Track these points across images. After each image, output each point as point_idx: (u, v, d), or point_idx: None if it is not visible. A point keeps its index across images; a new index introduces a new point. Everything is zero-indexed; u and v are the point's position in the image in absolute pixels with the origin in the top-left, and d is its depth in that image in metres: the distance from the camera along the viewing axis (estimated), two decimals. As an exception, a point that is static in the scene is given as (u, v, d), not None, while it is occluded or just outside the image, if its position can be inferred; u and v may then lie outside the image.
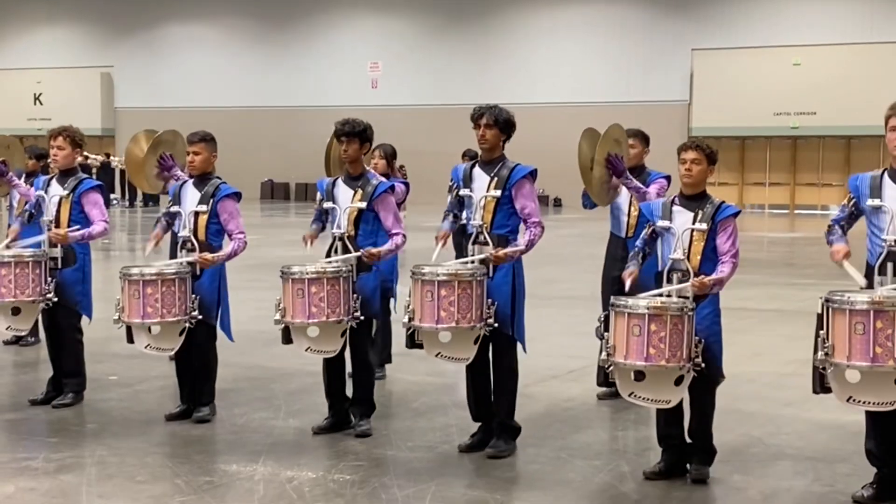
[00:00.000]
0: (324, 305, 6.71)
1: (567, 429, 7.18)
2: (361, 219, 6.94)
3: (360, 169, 7.07)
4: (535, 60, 37.71)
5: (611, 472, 6.23)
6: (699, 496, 5.80)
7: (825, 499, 5.75)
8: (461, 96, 37.67)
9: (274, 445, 6.70)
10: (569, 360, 9.28)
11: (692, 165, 6.11)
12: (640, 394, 5.87)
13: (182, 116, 41.29)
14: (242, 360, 9.04)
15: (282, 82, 40.98)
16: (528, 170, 6.54)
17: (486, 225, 6.47)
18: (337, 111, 42.76)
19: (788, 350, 10.14)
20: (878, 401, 5.38)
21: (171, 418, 7.29)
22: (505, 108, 6.59)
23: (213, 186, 7.25)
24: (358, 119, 7.12)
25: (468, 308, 6.20)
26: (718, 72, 34.98)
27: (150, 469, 6.20)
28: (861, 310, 5.27)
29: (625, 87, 36.32)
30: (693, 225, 6.04)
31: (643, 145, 8.08)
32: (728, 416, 7.26)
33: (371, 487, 5.85)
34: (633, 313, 5.73)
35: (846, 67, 33.43)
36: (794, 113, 34.42)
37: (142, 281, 6.97)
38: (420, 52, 39.38)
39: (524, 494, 5.80)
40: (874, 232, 5.61)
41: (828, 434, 7.05)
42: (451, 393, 8.34)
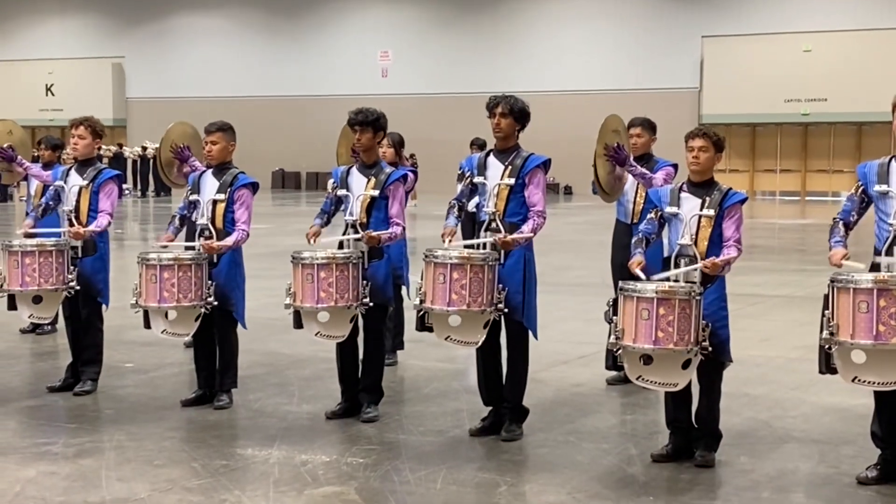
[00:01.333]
0: (332, 291, 6.83)
1: (576, 413, 7.28)
2: (374, 206, 7.04)
3: (374, 157, 7.18)
4: (545, 48, 37.75)
5: (619, 454, 6.33)
6: (706, 478, 5.89)
7: (830, 480, 5.84)
8: (470, 85, 37.77)
9: (288, 430, 6.82)
10: (578, 346, 9.38)
11: (699, 153, 6.20)
12: (649, 377, 5.97)
13: (193, 106, 41.47)
14: (257, 346, 9.16)
15: (292, 72, 41.10)
16: (542, 160, 6.64)
17: (499, 212, 6.57)
18: (347, 100, 42.96)
19: (796, 335, 10.23)
20: (883, 380, 5.48)
21: (187, 404, 7.41)
22: (520, 97, 6.68)
23: (232, 176, 7.36)
24: (371, 108, 7.22)
25: (479, 292, 6.31)
26: (729, 59, 35.00)
27: (168, 453, 6.32)
28: (865, 288, 5.37)
29: (635, 74, 36.35)
30: (701, 211, 6.13)
31: (649, 133, 8.16)
32: (735, 399, 7.38)
33: (384, 470, 5.96)
34: (641, 297, 5.83)
35: (857, 54, 33.42)
36: (804, 100, 34.43)
37: (159, 265, 7.10)
38: (430, 40, 39.44)
39: (534, 477, 5.91)
40: (881, 217, 5.71)
41: (833, 417, 7.15)
42: (461, 378, 8.45)
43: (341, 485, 5.73)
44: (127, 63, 44.17)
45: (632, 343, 5.85)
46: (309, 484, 5.74)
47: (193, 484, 5.73)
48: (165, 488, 5.66)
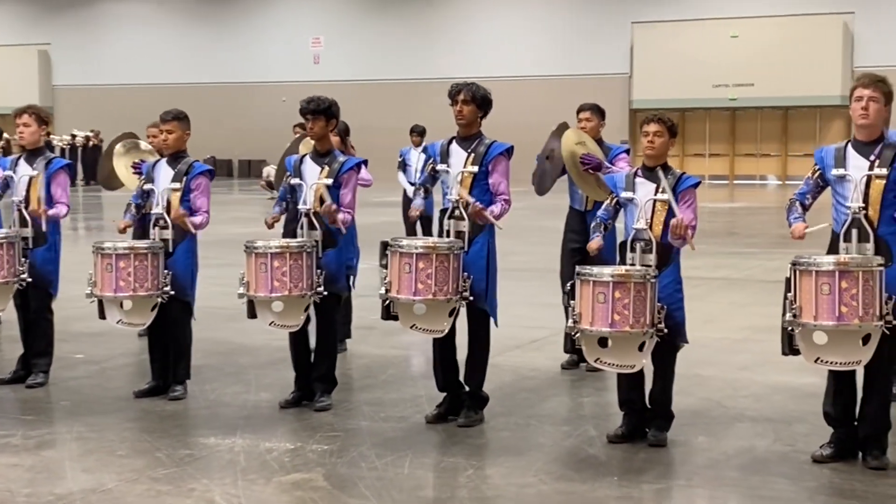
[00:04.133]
0: (286, 280, 6.83)
1: (534, 397, 7.37)
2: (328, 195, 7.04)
3: (327, 146, 7.18)
4: (478, 35, 37.84)
5: (579, 436, 6.43)
6: (667, 457, 6.02)
7: (787, 458, 5.99)
8: (404, 72, 37.79)
9: (249, 419, 6.82)
10: (530, 331, 9.48)
11: (655, 138, 6.31)
12: (606, 359, 6.08)
13: (121, 94, 41.03)
14: (207, 335, 9.11)
15: (223, 58, 40.74)
16: (505, 147, 6.69)
17: (462, 200, 6.61)
18: (279, 87, 42.73)
19: (739, 317, 10.44)
20: (845, 360, 5.63)
21: (141, 395, 7.36)
22: (482, 84, 6.72)
23: (187, 164, 7.32)
24: (323, 96, 7.21)
25: (445, 281, 6.35)
26: (658, 45, 35.37)
27: (130, 444, 6.30)
28: (827, 270, 5.51)
29: (566, 60, 36.58)
30: (656, 196, 6.24)
31: (598, 119, 8.26)
32: (687, 380, 7.51)
33: (350, 457, 5.99)
34: (598, 281, 5.93)
35: (782, 39, 33.96)
36: (732, 85, 34.92)
37: (115, 254, 7.04)
38: (362, 27, 39.33)
39: (499, 460, 5.97)
40: (839, 201, 5.84)
41: (783, 396, 7.31)
42: (416, 364, 8.51)
43: (309, 472, 5.75)
44: (53, 50, 43.46)
45: (589, 326, 5.95)
46: (276, 471, 5.75)
47: (160, 474, 5.72)
48: (132, 478, 5.64)
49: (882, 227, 5.71)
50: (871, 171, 5.74)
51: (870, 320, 5.51)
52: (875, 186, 5.73)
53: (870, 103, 5.75)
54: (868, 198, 5.73)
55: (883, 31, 33.35)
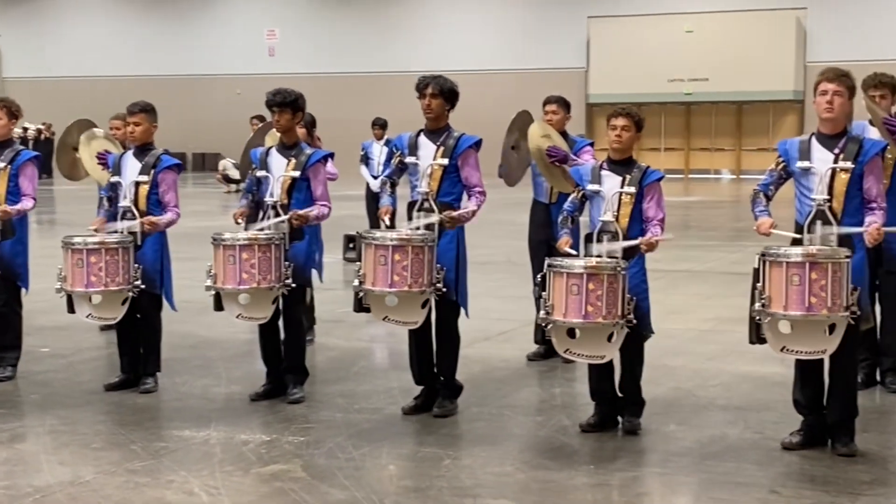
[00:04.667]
0: (255, 272, 6.84)
1: (506, 387, 7.43)
2: (294, 188, 7.06)
3: (293, 138, 7.19)
4: (435, 28, 37.86)
5: (553, 426, 6.49)
6: (640, 445, 6.10)
7: (756, 445, 6.09)
8: (361, 64, 37.74)
9: (221, 411, 6.82)
10: (497, 323, 9.54)
11: (622, 132, 6.38)
12: (576, 350, 6.15)
13: (73, 86, 40.63)
14: (174, 329, 9.05)
15: (177, 51, 40.46)
16: (474, 140, 6.74)
17: (432, 192, 6.65)
18: (234, 79, 42.40)
19: (703, 308, 10.57)
20: (811, 349, 5.74)
21: (111, 388, 7.33)
22: (449, 77, 6.77)
23: (155, 157, 7.30)
24: (290, 88, 7.23)
25: (420, 272, 6.38)
26: (614, 39, 35.57)
27: (104, 436, 6.29)
28: (797, 262, 5.61)
29: (523, 55, 36.70)
30: (622, 188, 6.31)
31: (564, 111, 8.32)
32: (656, 370, 7.59)
33: (327, 447, 6.02)
34: (571, 273, 5.98)
35: (736, 34, 34.26)
36: (687, 79, 35.18)
37: (85, 250, 7.01)
38: (318, 19, 39.22)
39: (475, 450, 6.02)
40: (803, 193, 5.95)
41: (751, 385, 7.43)
42: (386, 356, 8.56)
43: (286, 463, 5.77)
44: (3, 42, 42.92)
45: (562, 318, 6.01)
46: (254, 463, 5.77)
47: (137, 466, 5.72)
48: (110, 471, 5.64)
49: (845, 218, 5.83)
50: (836, 164, 5.85)
51: (837, 311, 5.61)
52: (839, 179, 5.85)
53: (834, 97, 5.86)
54: (832, 190, 5.84)
55: (835, 26, 33.76)
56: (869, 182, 5.88)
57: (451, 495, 5.28)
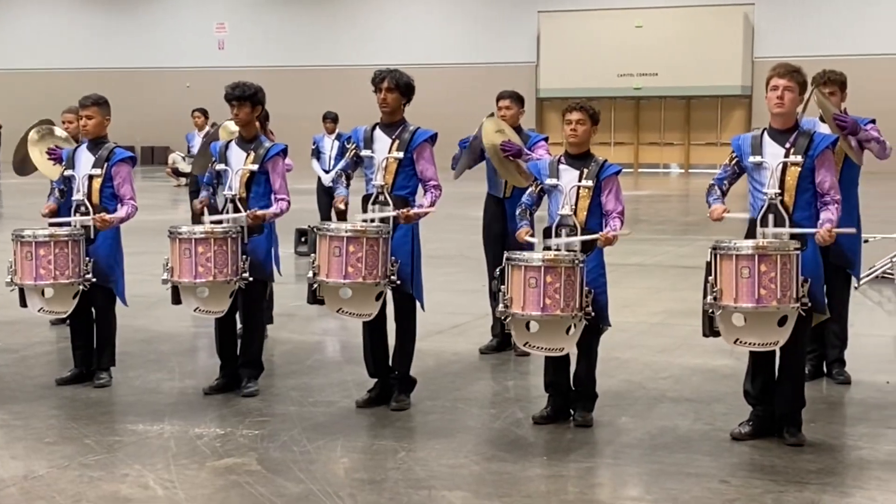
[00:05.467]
0: (211, 265, 6.83)
1: (459, 381, 7.48)
2: (253, 181, 7.06)
3: (252, 132, 7.19)
4: (385, 22, 37.81)
5: (506, 418, 6.55)
6: (593, 437, 6.16)
7: (707, 436, 6.18)
8: (311, 58, 37.59)
9: (175, 405, 6.81)
10: (450, 317, 9.58)
11: (577, 126, 6.45)
12: (535, 343, 6.21)
13: (22, 79, 40.14)
14: (126, 323, 8.98)
15: (125, 43, 40.08)
16: (430, 134, 6.77)
17: (387, 186, 6.67)
18: (183, 73, 42.12)
19: (653, 301, 10.67)
20: (763, 341, 5.83)
21: (63, 382, 7.29)
22: (405, 71, 6.79)
23: (108, 150, 7.27)
24: (249, 82, 7.24)
25: (374, 264, 6.41)
26: (564, 33, 35.71)
27: (57, 431, 6.25)
28: (746, 254, 5.70)
29: (473, 49, 36.75)
30: (580, 182, 6.38)
31: (518, 106, 8.38)
32: (607, 363, 7.67)
33: (281, 441, 6.03)
34: (529, 266, 6.04)
35: (685, 29, 34.53)
36: (636, 74, 35.40)
37: (34, 242, 6.97)
38: (268, 12, 39.02)
39: (429, 443, 6.06)
40: (755, 187, 6.04)
41: (701, 377, 7.53)
42: (340, 350, 8.57)
43: (241, 456, 5.77)
44: (-53, 33, 42.30)
45: (521, 311, 6.06)
46: (209, 456, 5.77)
47: (91, 460, 5.69)
48: (63, 465, 5.61)
49: (797, 212, 5.93)
50: (787, 158, 5.94)
51: (787, 302, 5.71)
52: (790, 173, 5.94)
53: (785, 92, 5.96)
54: (784, 184, 5.94)
55: (782, 22, 34.12)
56: (821, 175, 5.96)
57: (405, 487, 5.31)
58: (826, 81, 7.17)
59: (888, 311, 10.67)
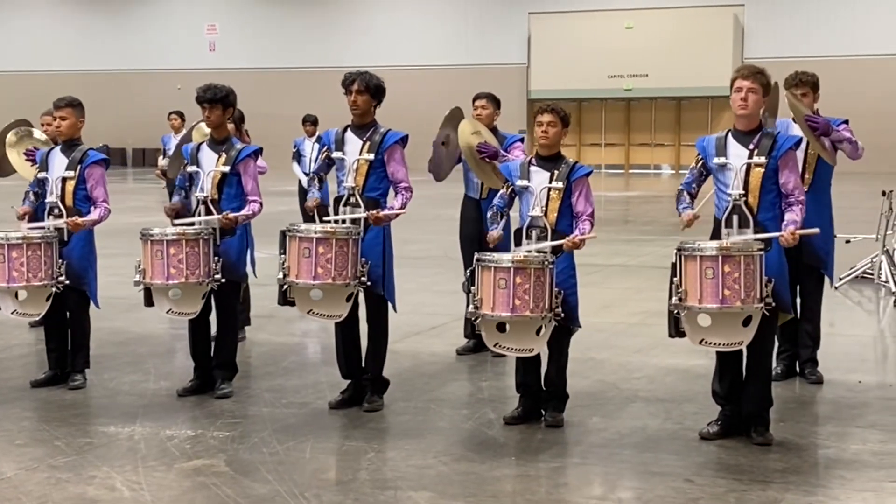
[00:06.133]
0: (183, 267, 6.85)
1: (433, 382, 7.50)
2: (225, 183, 7.09)
3: (224, 133, 7.22)
4: (377, 23, 37.85)
5: (478, 419, 6.57)
6: (562, 437, 6.18)
7: (675, 435, 6.20)
8: (302, 60, 37.62)
9: (148, 407, 6.82)
10: (428, 318, 9.61)
11: (548, 128, 6.47)
12: (505, 344, 6.22)
13: (9, 81, 40.12)
14: (104, 325, 9.04)
15: (117, 45, 40.10)
16: (401, 135, 6.79)
17: (358, 187, 6.69)
18: (174, 74, 42.16)
19: (634, 302, 10.70)
20: (727, 341, 5.86)
21: (38, 384, 7.31)
22: (375, 73, 6.81)
23: (81, 152, 7.28)
24: (220, 84, 7.25)
25: (344, 265, 6.43)
26: (555, 35, 35.79)
27: (28, 433, 6.27)
28: (710, 255, 5.73)
29: (465, 50, 36.81)
30: (550, 184, 6.40)
31: (494, 107, 8.39)
32: (582, 364, 7.73)
33: (251, 442, 6.05)
34: (498, 267, 6.06)
35: (676, 31, 34.64)
36: (627, 75, 35.50)
37: (7, 244, 6.98)
38: (258, 14, 39.05)
39: (399, 443, 6.08)
40: (720, 188, 6.07)
41: (674, 377, 7.55)
42: (316, 351, 8.59)
43: (210, 458, 5.79)
44: (-62, 36, 42.29)
45: (490, 311, 6.09)
46: (177, 458, 5.78)
47: (60, 462, 5.71)
48: (31, 467, 5.63)
49: (761, 213, 5.96)
50: (751, 159, 5.97)
51: (751, 303, 5.74)
52: (754, 174, 5.97)
53: (748, 94, 5.99)
54: (748, 185, 5.97)
55: (771, 23, 34.22)
56: (785, 176, 6.00)
57: (371, 488, 5.33)
58: (798, 83, 7.21)
59: (868, 311, 10.71)
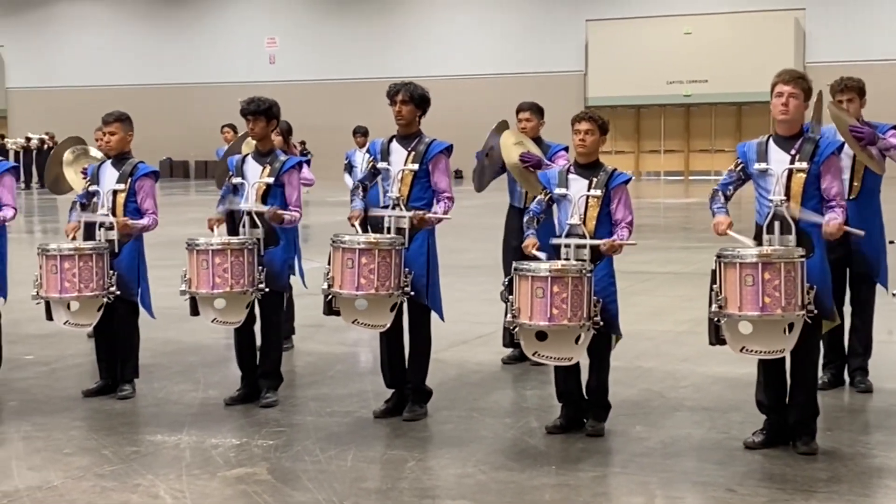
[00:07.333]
0: (228, 276, 6.94)
1: (478, 390, 7.51)
2: (269, 194, 7.17)
3: (268, 145, 7.31)
4: (432, 34, 37.98)
5: (520, 428, 6.57)
6: (604, 446, 6.17)
7: (720, 445, 6.15)
8: (359, 71, 37.84)
9: (196, 416, 6.91)
10: (476, 327, 9.62)
11: (586, 136, 6.46)
12: (544, 353, 6.22)
13: (76, 96, 40.81)
14: (158, 335, 9.18)
15: (178, 59, 40.64)
16: (445, 146, 6.83)
17: (402, 197, 6.74)
18: (235, 87, 42.54)
19: (684, 310, 10.62)
20: (769, 349, 5.81)
21: (90, 394, 7.43)
22: (420, 83, 6.85)
23: (132, 166, 7.41)
24: (263, 97, 7.34)
25: (387, 276, 6.47)
26: (612, 42, 35.66)
27: (77, 442, 6.38)
28: (750, 262, 5.68)
29: (521, 58, 36.80)
30: (588, 192, 6.39)
31: (538, 118, 8.39)
32: (629, 372, 7.70)
33: (294, 451, 6.11)
34: (536, 276, 6.07)
35: (735, 35, 34.34)
36: (686, 81, 35.27)
37: (59, 256, 7.11)
38: (317, 26, 39.37)
39: (440, 451, 6.11)
40: (761, 194, 6.02)
41: (721, 386, 7.49)
42: (363, 361, 8.64)
43: (253, 466, 5.86)
44: (6, 52, 43.15)
45: (528, 321, 6.09)
46: (221, 466, 5.86)
47: (106, 470, 5.81)
48: (78, 475, 5.73)
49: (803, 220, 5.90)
50: (792, 164, 5.92)
51: (792, 310, 5.68)
52: (796, 180, 5.92)
53: (790, 99, 5.94)
54: (789, 191, 5.92)
55: (833, 27, 33.81)
56: (827, 181, 5.95)
57: (410, 496, 5.36)
58: (844, 88, 7.12)
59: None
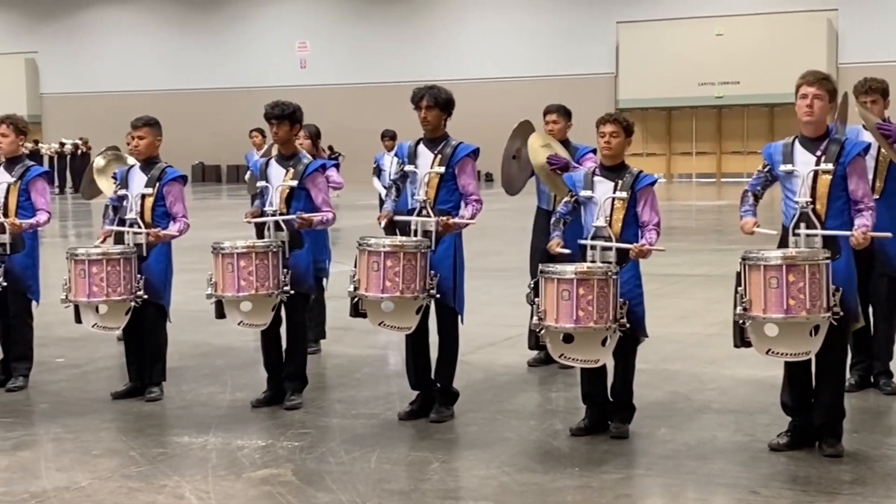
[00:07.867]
0: (253, 279, 6.98)
1: (503, 393, 7.52)
2: (293, 197, 7.21)
3: (291, 149, 7.36)
4: (463, 37, 38.02)
5: (545, 430, 6.58)
6: (628, 448, 6.17)
7: (745, 447, 6.14)
8: (390, 75, 37.92)
9: (223, 418, 6.96)
10: (504, 329, 9.63)
11: (611, 138, 6.47)
12: (570, 355, 6.23)
13: (109, 101, 41.15)
14: (187, 338, 9.26)
15: (210, 64, 40.89)
16: (471, 149, 6.85)
17: (429, 200, 6.77)
18: (266, 92, 42.75)
19: (712, 312, 10.58)
20: (795, 351, 5.79)
21: (118, 396, 7.50)
22: (444, 87, 6.88)
23: (160, 170, 7.48)
24: (287, 101, 7.39)
25: (412, 279, 6.50)
26: (643, 44, 35.56)
27: (105, 443, 6.44)
28: (774, 265, 5.67)
29: (551, 61, 36.77)
30: (614, 194, 6.40)
31: (565, 120, 8.39)
32: (656, 374, 7.69)
33: (318, 452, 6.15)
34: (561, 279, 6.08)
35: (767, 36, 34.17)
36: (717, 83, 35.12)
37: (87, 260, 7.19)
38: (348, 30, 39.50)
39: (464, 453, 6.13)
40: (788, 196, 6.01)
41: (748, 388, 7.47)
42: (390, 363, 8.67)
43: (278, 467, 5.90)
44: (40, 58, 43.59)
45: (554, 323, 6.10)
46: (246, 468, 5.90)
47: (133, 471, 5.87)
48: (105, 476, 5.79)
49: (829, 220, 5.88)
50: (818, 166, 5.91)
51: (817, 312, 5.66)
52: (822, 181, 5.90)
53: (814, 101, 5.93)
54: (815, 192, 5.90)
55: (866, 28, 33.57)
56: (854, 182, 5.92)
57: (433, 497, 5.38)
58: (867, 90, 7.10)
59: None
